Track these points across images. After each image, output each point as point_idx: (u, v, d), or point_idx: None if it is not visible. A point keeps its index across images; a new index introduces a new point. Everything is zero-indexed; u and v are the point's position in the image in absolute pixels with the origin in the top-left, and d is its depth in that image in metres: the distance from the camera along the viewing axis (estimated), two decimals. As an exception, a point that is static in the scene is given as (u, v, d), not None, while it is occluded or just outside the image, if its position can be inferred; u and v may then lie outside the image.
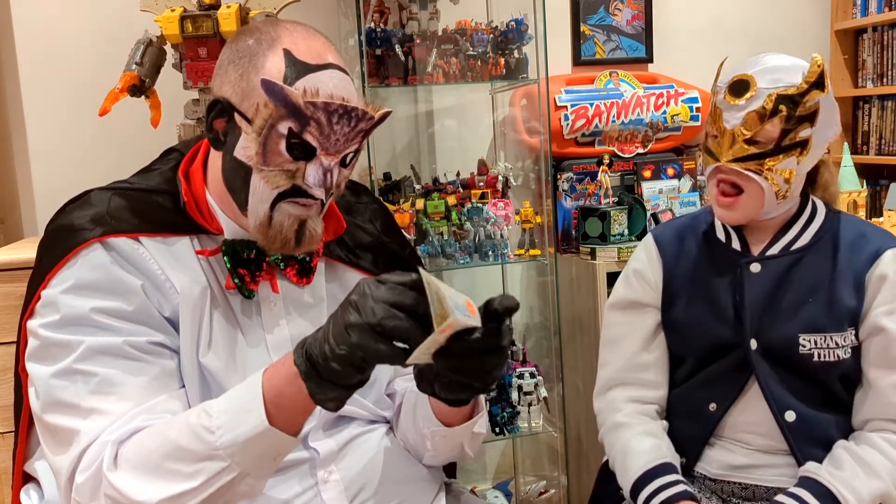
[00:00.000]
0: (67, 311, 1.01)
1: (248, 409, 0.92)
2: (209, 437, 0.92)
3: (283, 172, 1.03)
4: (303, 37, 1.06)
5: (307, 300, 1.19)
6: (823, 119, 1.34)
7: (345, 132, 1.04)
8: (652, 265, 1.51)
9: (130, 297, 1.04)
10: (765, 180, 1.34)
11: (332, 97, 1.02)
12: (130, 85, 1.99)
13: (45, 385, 1.00)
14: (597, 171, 2.59)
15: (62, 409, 0.99)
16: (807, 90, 1.32)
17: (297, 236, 1.07)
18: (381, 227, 1.33)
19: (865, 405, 1.36)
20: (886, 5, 2.89)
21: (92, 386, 0.99)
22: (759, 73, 1.34)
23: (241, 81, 1.04)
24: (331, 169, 1.05)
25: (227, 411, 0.93)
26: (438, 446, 1.18)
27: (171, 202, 1.12)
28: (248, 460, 0.92)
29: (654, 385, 1.48)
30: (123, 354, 1.01)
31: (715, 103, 1.39)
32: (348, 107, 1.02)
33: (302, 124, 1.01)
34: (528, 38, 2.33)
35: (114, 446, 0.96)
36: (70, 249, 1.05)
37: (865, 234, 1.41)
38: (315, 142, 1.03)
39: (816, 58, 1.33)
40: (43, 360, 1.02)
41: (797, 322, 1.37)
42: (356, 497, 1.14)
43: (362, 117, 1.05)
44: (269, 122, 1.01)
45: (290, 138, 1.02)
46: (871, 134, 3.05)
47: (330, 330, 0.87)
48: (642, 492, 1.34)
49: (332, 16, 2.49)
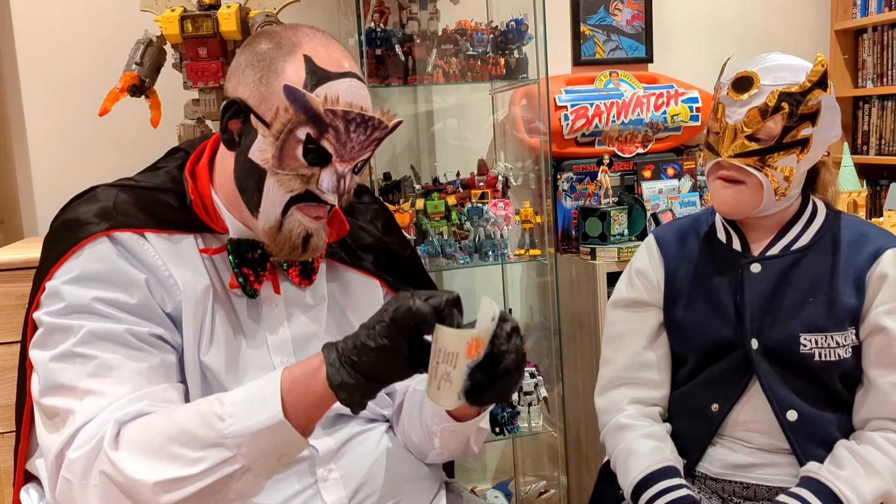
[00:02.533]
0: (71, 300, 1.02)
1: (264, 400, 0.93)
2: (219, 425, 0.92)
3: (298, 177, 1.05)
4: (323, 44, 1.07)
5: (308, 301, 1.20)
6: (825, 119, 1.35)
7: (360, 140, 1.06)
8: (654, 265, 1.51)
9: (133, 291, 1.04)
10: (765, 177, 1.34)
11: (351, 105, 1.04)
12: (130, 85, 1.99)
13: (45, 369, 1.01)
14: (597, 171, 2.60)
15: (59, 391, 0.99)
16: (809, 89, 1.32)
17: (304, 244, 1.09)
18: (382, 228, 1.34)
19: (866, 404, 1.36)
20: (886, 5, 2.89)
21: (90, 368, 0.99)
22: (762, 70, 1.34)
23: (259, 85, 1.05)
24: (344, 175, 1.07)
25: (242, 401, 0.93)
26: (446, 442, 1.18)
27: (176, 200, 1.13)
28: (254, 453, 0.92)
29: (656, 385, 1.48)
30: (124, 342, 1.01)
31: (718, 99, 1.40)
32: (366, 115, 1.05)
33: (320, 131, 1.03)
34: (528, 38, 2.33)
35: (116, 425, 0.95)
36: (76, 242, 1.05)
37: (866, 233, 1.41)
38: (331, 148, 1.04)
39: (820, 57, 1.34)
40: (44, 345, 1.02)
41: (798, 322, 1.37)
42: (356, 495, 1.14)
43: (378, 126, 1.07)
44: (288, 126, 1.03)
45: (307, 144, 1.04)
46: (871, 134, 3.05)
47: (368, 324, 0.91)
48: (644, 494, 1.33)
49: (332, 16, 2.49)
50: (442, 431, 1.16)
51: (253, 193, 1.08)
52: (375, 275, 1.27)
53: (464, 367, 0.88)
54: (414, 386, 1.25)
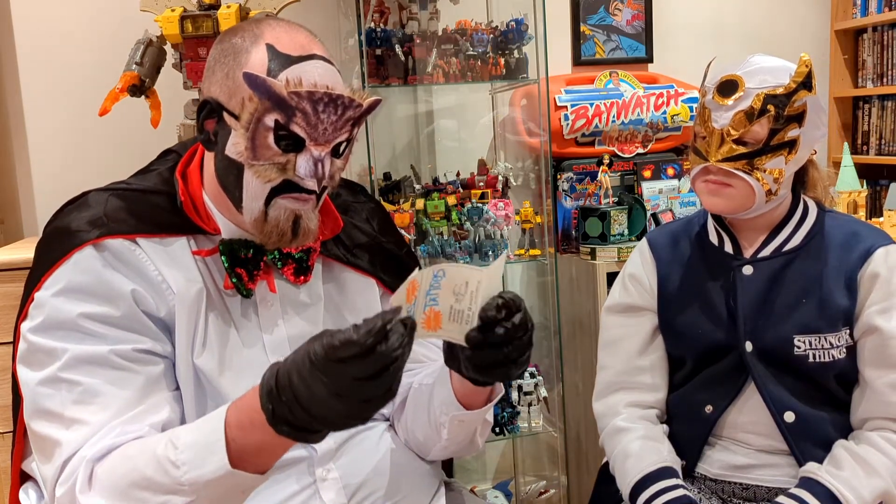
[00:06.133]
0: (54, 315, 1.02)
1: (211, 448, 0.91)
2: (174, 472, 0.91)
3: (274, 165, 1.03)
4: (285, 31, 1.06)
5: (304, 299, 1.19)
6: (811, 119, 1.35)
7: (332, 121, 1.03)
8: (646, 269, 1.51)
9: (119, 303, 1.04)
10: (755, 180, 1.34)
11: (315, 86, 1.01)
12: (130, 85, 1.99)
13: (32, 392, 1.01)
14: (597, 171, 2.59)
15: (46, 416, 1.00)
16: (795, 90, 1.32)
17: (293, 229, 1.07)
18: (378, 227, 1.33)
19: (863, 404, 1.36)
20: (886, 5, 2.89)
21: (75, 395, 1.00)
22: (747, 73, 1.35)
23: (227, 80, 1.04)
24: (321, 159, 1.04)
25: (192, 447, 0.92)
26: (454, 433, 1.17)
27: (168, 203, 1.12)
28: (215, 496, 0.92)
29: (652, 388, 1.48)
30: (108, 364, 1.01)
31: (703, 104, 1.40)
32: (333, 94, 1.02)
33: (288, 115, 1.01)
34: (528, 38, 2.33)
35: (88, 465, 0.96)
36: (65, 252, 1.05)
37: (857, 232, 1.40)
38: (303, 132, 1.02)
39: (804, 58, 1.34)
40: (30, 364, 1.03)
41: (791, 323, 1.37)
42: (355, 495, 1.14)
43: (349, 105, 1.04)
44: (255, 115, 1.01)
45: (277, 130, 1.02)
46: (871, 134, 3.05)
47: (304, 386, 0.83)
48: (641, 495, 1.34)
49: (332, 16, 2.49)
50: (451, 421, 1.15)
51: (234, 189, 1.07)
52: (372, 274, 1.26)
53: (478, 297, 0.91)
54: (420, 381, 1.24)
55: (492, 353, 0.96)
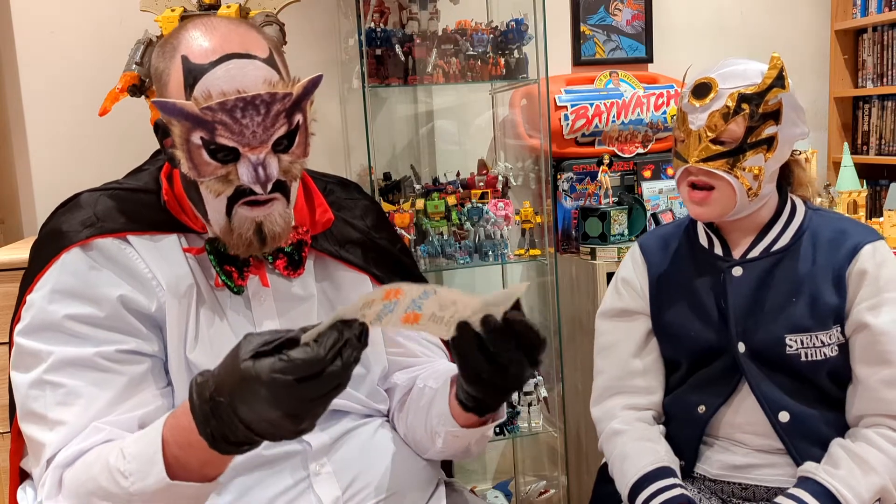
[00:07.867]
0: (41, 316, 1.04)
1: (151, 459, 0.92)
2: (124, 483, 0.93)
3: (219, 179, 1.02)
4: (202, 33, 1.03)
5: (297, 292, 1.18)
6: (788, 117, 1.37)
7: (258, 121, 0.99)
8: (638, 273, 1.52)
9: (103, 304, 1.05)
10: (735, 179, 1.36)
11: (224, 94, 0.98)
12: (130, 85, 1.99)
13: (21, 394, 1.03)
14: (597, 171, 2.59)
15: (33, 418, 1.03)
16: (768, 87, 1.34)
17: (258, 237, 1.05)
18: (371, 224, 1.32)
19: (857, 402, 1.36)
20: (886, 5, 2.89)
21: (59, 397, 1.01)
22: (720, 75, 1.37)
23: None
24: (261, 162, 1.01)
25: (137, 457, 0.93)
26: (448, 444, 1.17)
27: (157, 201, 1.14)
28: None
29: (648, 391, 1.49)
30: (92, 365, 1.03)
31: (680, 107, 1.42)
32: (247, 98, 0.98)
33: (209, 130, 0.99)
34: (528, 38, 2.33)
35: (57, 470, 0.98)
36: (55, 254, 1.07)
37: (844, 229, 1.41)
38: (231, 142, 1.00)
39: (775, 56, 1.36)
40: (18, 367, 1.05)
41: (782, 323, 1.37)
42: (348, 489, 1.14)
43: (272, 100, 0.99)
44: (182, 136, 1.01)
45: (207, 146, 1.00)
46: (871, 134, 3.05)
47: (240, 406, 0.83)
48: (640, 495, 1.34)
49: (332, 16, 2.49)
50: (446, 435, 1.15)
51: (198, 203, 1.08)
52: (364, 269, 1.26)
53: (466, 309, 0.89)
54: (425, 381, 1.24)
55: (483, 357, 0.91)
